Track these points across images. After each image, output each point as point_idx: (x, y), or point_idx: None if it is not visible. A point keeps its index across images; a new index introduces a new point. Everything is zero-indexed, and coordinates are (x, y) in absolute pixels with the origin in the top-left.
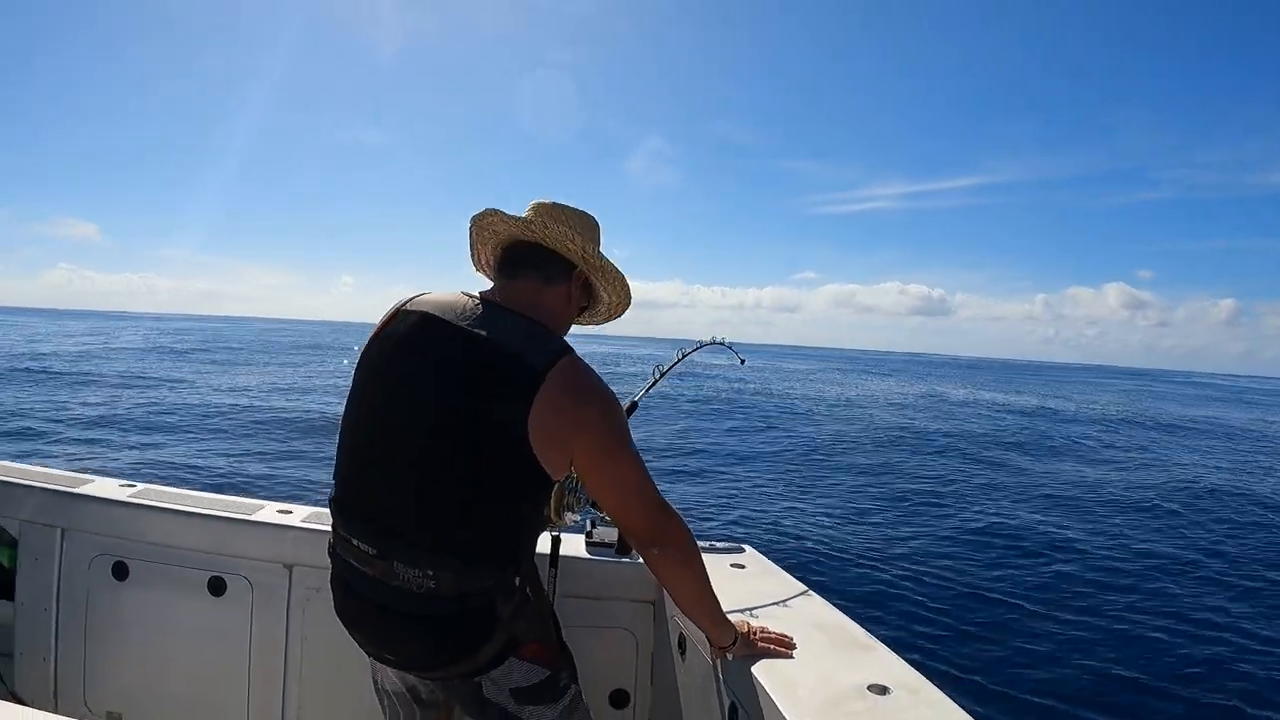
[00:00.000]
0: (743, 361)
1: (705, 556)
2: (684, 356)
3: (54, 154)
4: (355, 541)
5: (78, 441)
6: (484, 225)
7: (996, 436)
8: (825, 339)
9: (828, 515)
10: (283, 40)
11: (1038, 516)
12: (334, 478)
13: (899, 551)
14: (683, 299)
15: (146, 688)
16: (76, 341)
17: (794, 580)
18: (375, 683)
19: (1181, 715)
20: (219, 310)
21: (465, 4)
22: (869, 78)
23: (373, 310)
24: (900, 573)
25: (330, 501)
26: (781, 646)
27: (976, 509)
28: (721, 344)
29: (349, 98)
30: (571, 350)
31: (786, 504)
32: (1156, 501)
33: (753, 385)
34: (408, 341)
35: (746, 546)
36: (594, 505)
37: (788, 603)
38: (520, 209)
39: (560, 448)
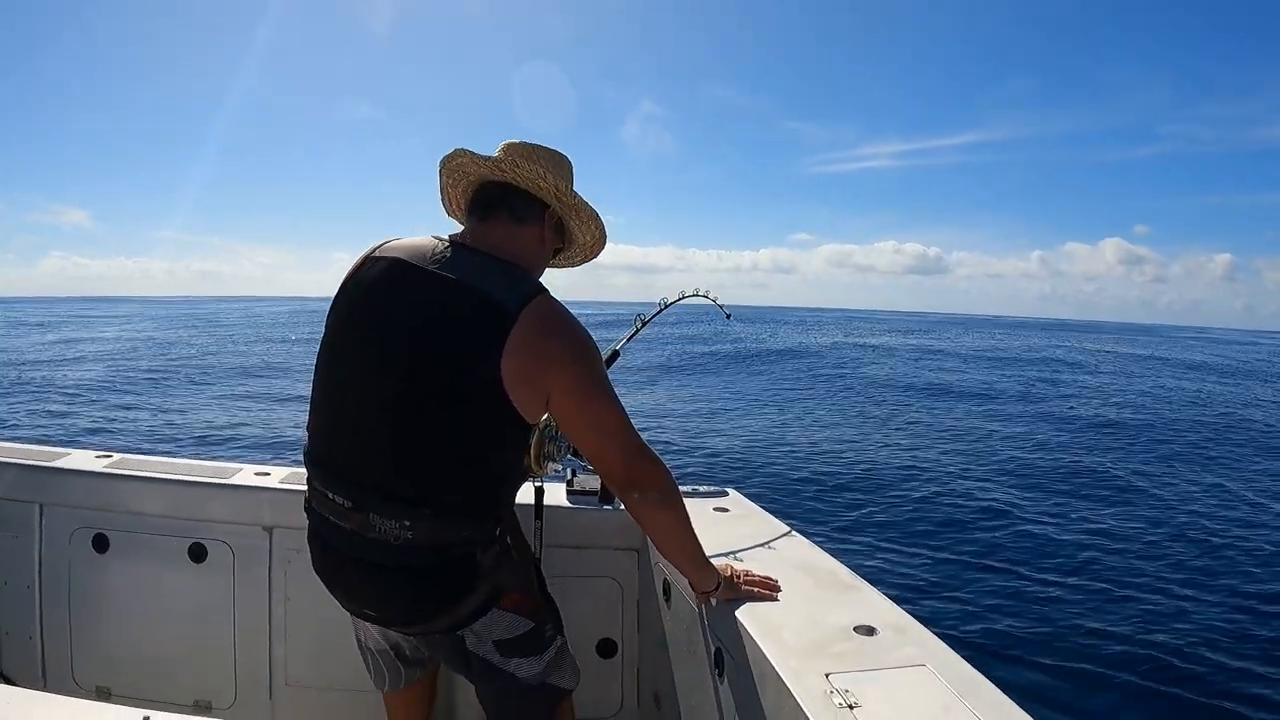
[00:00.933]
0: (729, 316)
1: (688, 501)
2: (666, 306)
3: (41, 140)
4: (330, 494)
5: (51, 415)
6: (453, 167)
7: (995, 385)
8: (823, 299)
9: (815, 456)
10: (270, 15)
11: (1035, 456)
12: (307, 430)
13: (889, 494)
14: (678, 263)
15: (133, 660)
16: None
17: (778, 522)
18: (359, 641)
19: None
20: (220, 291)
21: None
22: (864, 36)
23: None
24: (890, 515)
25: (304, 455)
26: (766, 589)
27: (968, 451)
28: (704, 296)
29: (336, 72)
30: (545, 290)
31: (773, 446)
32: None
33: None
34: (376, 288)
35: (730, 490)
36: (575, 454)
37: (772, 544)
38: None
39: (535, 389)
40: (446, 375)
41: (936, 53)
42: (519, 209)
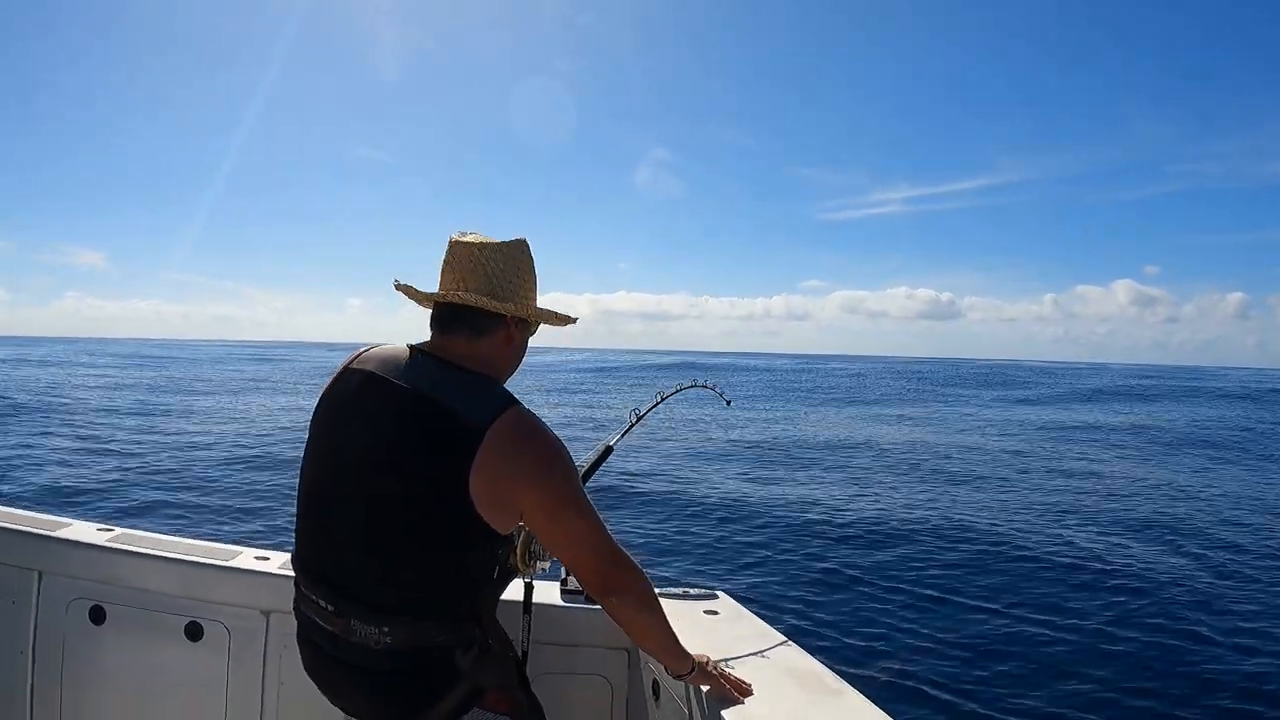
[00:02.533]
0: (729, 403)
1: (678, 603)
2: (662, 400)
3: (57, 182)
4: (315, 598)
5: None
6: (405, 293)
7: (1001, 457)
8: (836, 346)
9: (811, 561)
10: (278, 55)
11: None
12: (295, 535)
13: (886, 599)
14: (691, 310)
15: None
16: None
17: (768, 627)
18: None
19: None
20: (238, 335)
21: (463, 20)
22: (870, 81)
23: (382, 332)
24: (887, 622)
25: (292, 559)
26: (739, 689)
27: (973, 547)
28: (705, 386)
29: (348, 117)
30: (515, 403)
31: (767, 550)
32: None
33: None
34: (351, 403)
35: (720, 592)
36: None
37: (757, 647)
38: (517, 226)
39: (506, 506)
40: (416, 491)
41: (944, 96)
42: (477, 323)
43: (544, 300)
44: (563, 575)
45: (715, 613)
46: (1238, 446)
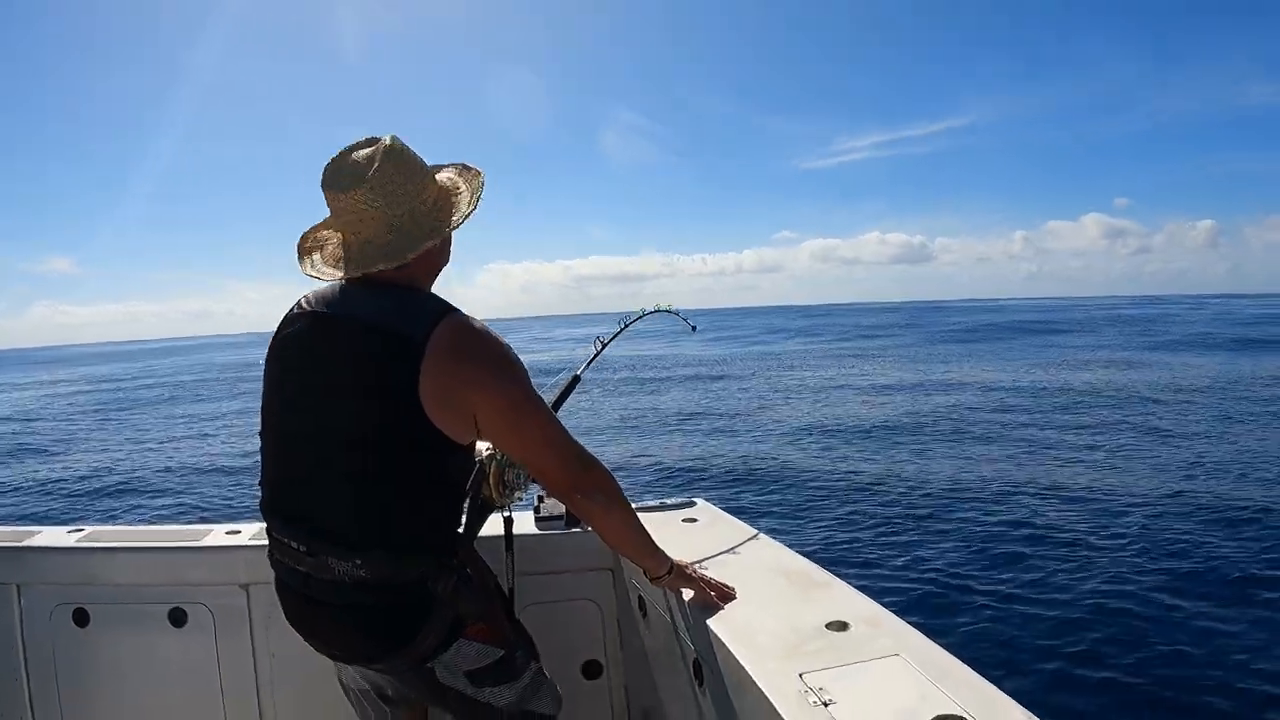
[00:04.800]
0: (694, 329)
1: (656, 515)
2: (626, 326)
3: (20, 188)
4: (286, 540)
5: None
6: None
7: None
8: (811, 296)
9: (785, 463)
10: (249, 52)
11: (1007, 453)
12: (259, 485)
13: (860, 493)
14: (664, 270)
15: None
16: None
17: (747, 527)
18: (341, 683)
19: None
20: (214, 330)
21: None
22: (836, 29)
23: None
24: (862, 513)
25: (260, 506)
26: (721, 591)
27: (941, 445)
28: (668, 311)
29: (315, 101)
30: (451, 310)
31: (741, 455)
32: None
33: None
34: (299, 344)
35: (699, 499)
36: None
37: (740, 549)
38: (485, 198)
39: (458, 412)
40: (370, 418)
41: (909, 41)
42: None
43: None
44: (535, 504)
45: (694, 520)
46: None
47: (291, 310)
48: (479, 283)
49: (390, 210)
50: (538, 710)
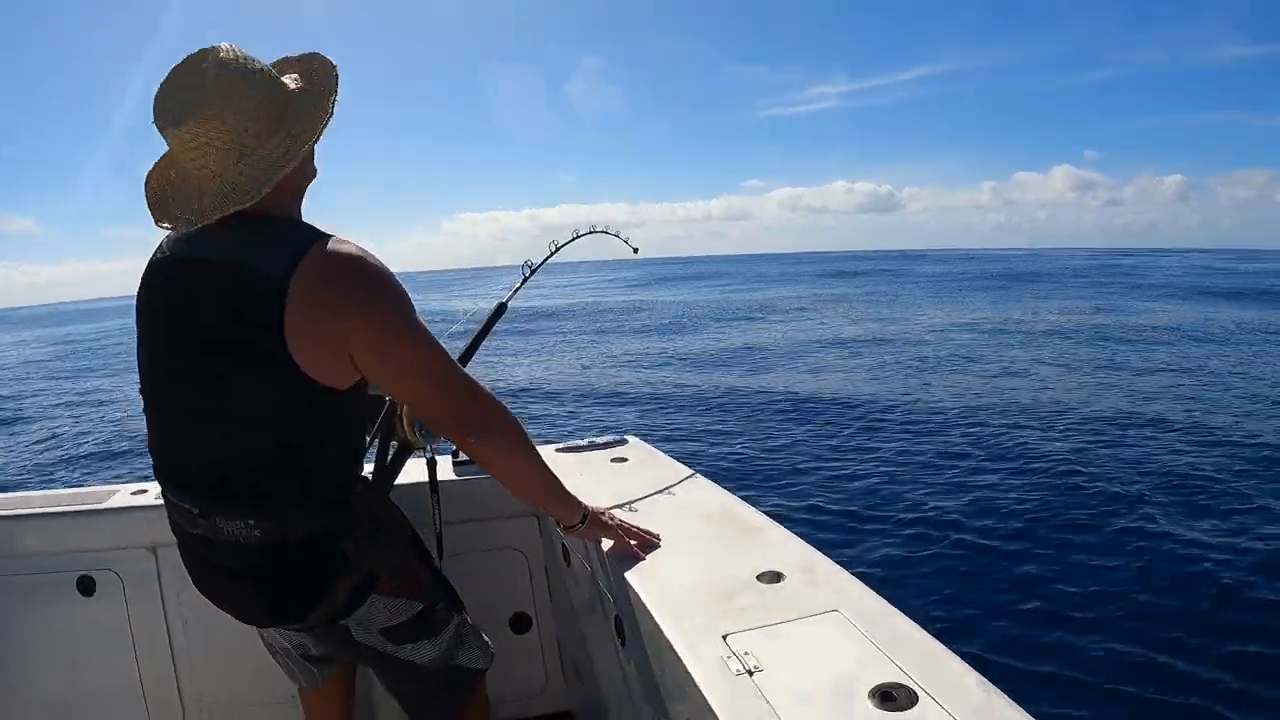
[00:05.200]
0: (635, 251)
1: (582, 456)
2: (557, 249)
3: None
4: (180, 503)
5: None
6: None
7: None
8: (779, 245)
9: (719, 400)
10: (217, 7)
11: (944, 384)
12: (148, 448)
13: (797, 431)
14: (633, 218)
15: (43, 708)
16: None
17: (680, 466)
18: (265, 643)
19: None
20: None
21: None
22: None
23: None
24: (800, 453)
25: (153, 470)
26: (642, 539)
27: (878, 382)
28: (603, 231)
29: (282, 50)
30: (322, 237)
31: (677, 393)
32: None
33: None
34: (161, 292)
35: (631, 437)
36: None
37: (671, 489)
38: (452, 146)
39: (332, 349)
40: (238, 366)
41: None
42: None
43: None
44: (453, 447)
45: (624, 460)
46: None
47: (152, 257)
48: (446, 231)
49: (237, 138)
50: (465, 664)
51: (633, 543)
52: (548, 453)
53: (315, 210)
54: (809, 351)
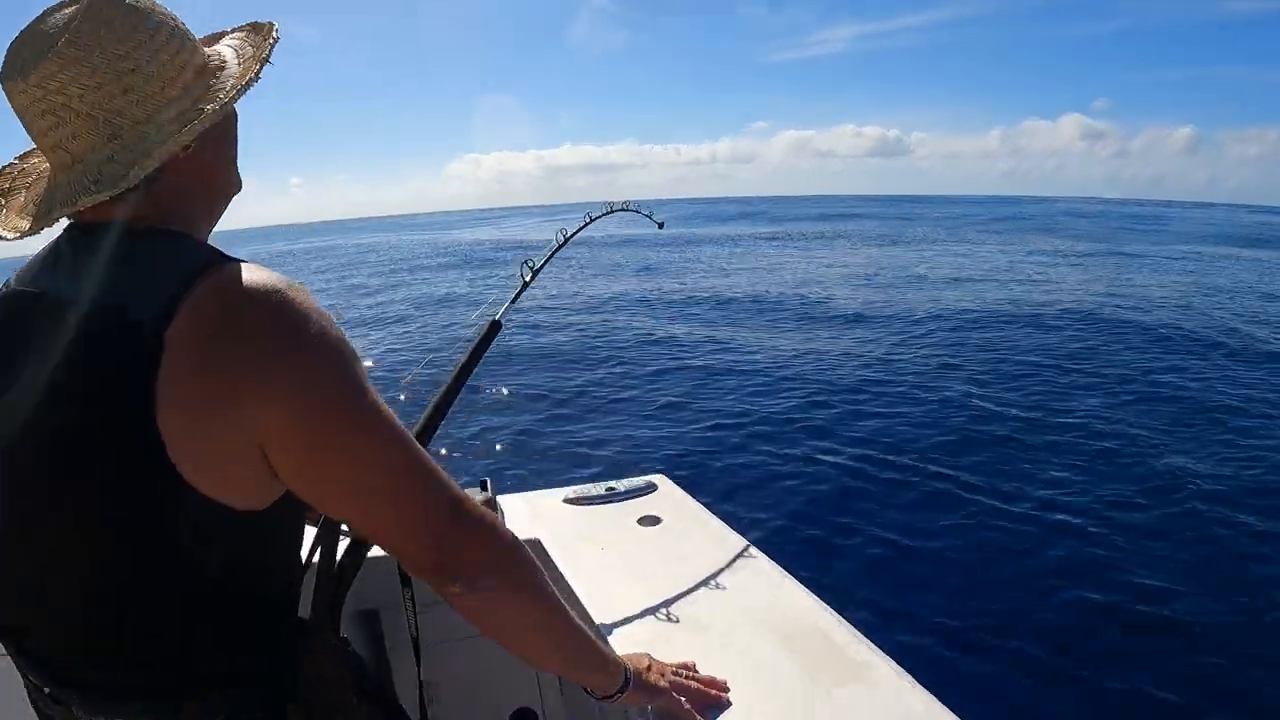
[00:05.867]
0: (661, 225)
1: (601, 508)
2: (570, 237)
3: None
4: (26, 674)
5: None
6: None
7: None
8: (784, 188)
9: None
10: None
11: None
12: None
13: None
14: (637, 160)
15: None
16: None
17: (726, 530)
18: None
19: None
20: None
21: None
22: None
23: (327, 209)
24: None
25: None
26: (708, 694)
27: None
28: (630, 209)
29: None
30: (219, 264)
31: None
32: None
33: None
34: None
35: (660, 479)
36: None
37: (721, 580)
38: (453, 90)
39: (231, 447)
40: (91, 478)
41: None
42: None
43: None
44: None
45: (656, 520)
46: None
47: None
48: (449, 174)
49: (105, 101)
50: None
51: (692, 706)
52: (553, 501)
53: (314, 158)
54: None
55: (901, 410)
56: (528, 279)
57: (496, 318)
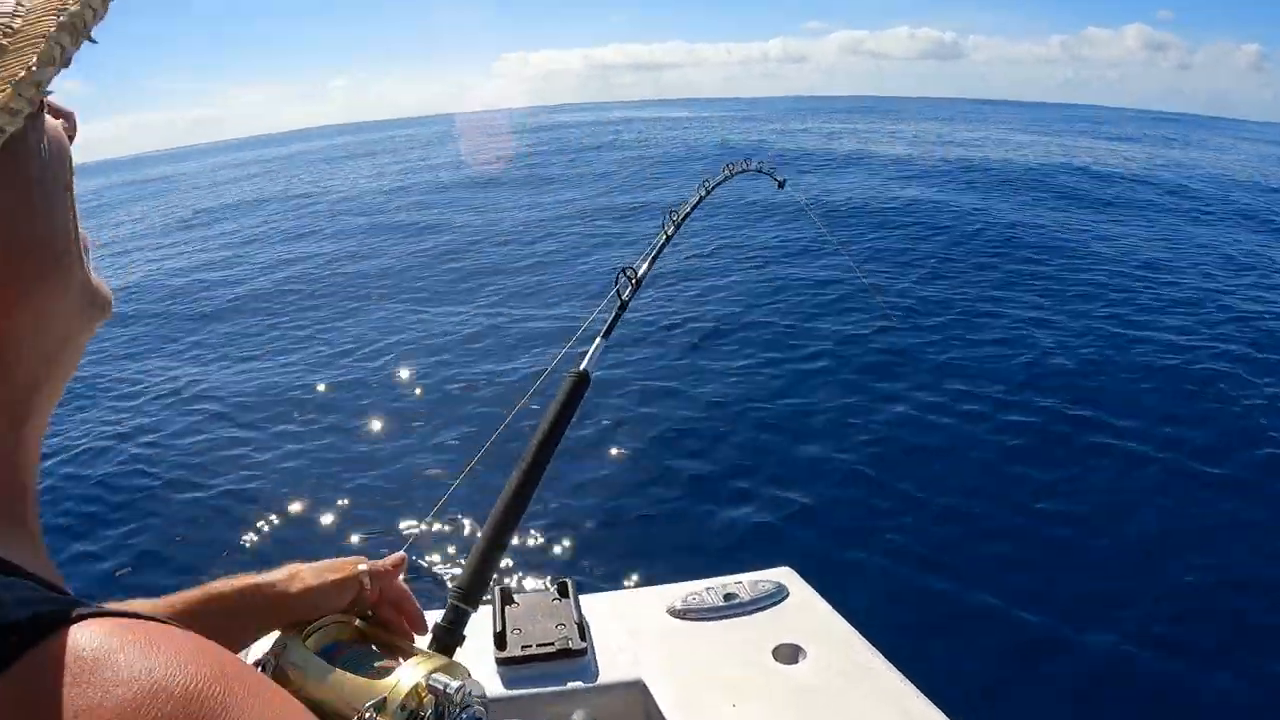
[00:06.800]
0: (781, 184)
1: (729, 625)
2: (676, 227)
3: None
4: None
5: None
6: None
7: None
8: (837, 89)
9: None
10: None
11: None
12: None
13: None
14: (688, 59)
15: None
16: None
17: (895, 678)
18: None
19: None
20: (221, 136)
21: None
22: None
23: (372, 109)
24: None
25: None
26: None
27: None
28: (751, 170)
29: None
30: (56, 620)
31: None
32: None
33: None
34: None
35: (788, 576)
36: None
37: None
38: None
39: None
40: None
41: None
42: None
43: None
44: (496, 629)
45: (796, 654)
46: None
47: None
48: (495, 72)
49: None
50: None
51: None
52: (653, 610)
53: (358, 60)
54: None
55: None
56: (625, 297)
57: (584, 369)
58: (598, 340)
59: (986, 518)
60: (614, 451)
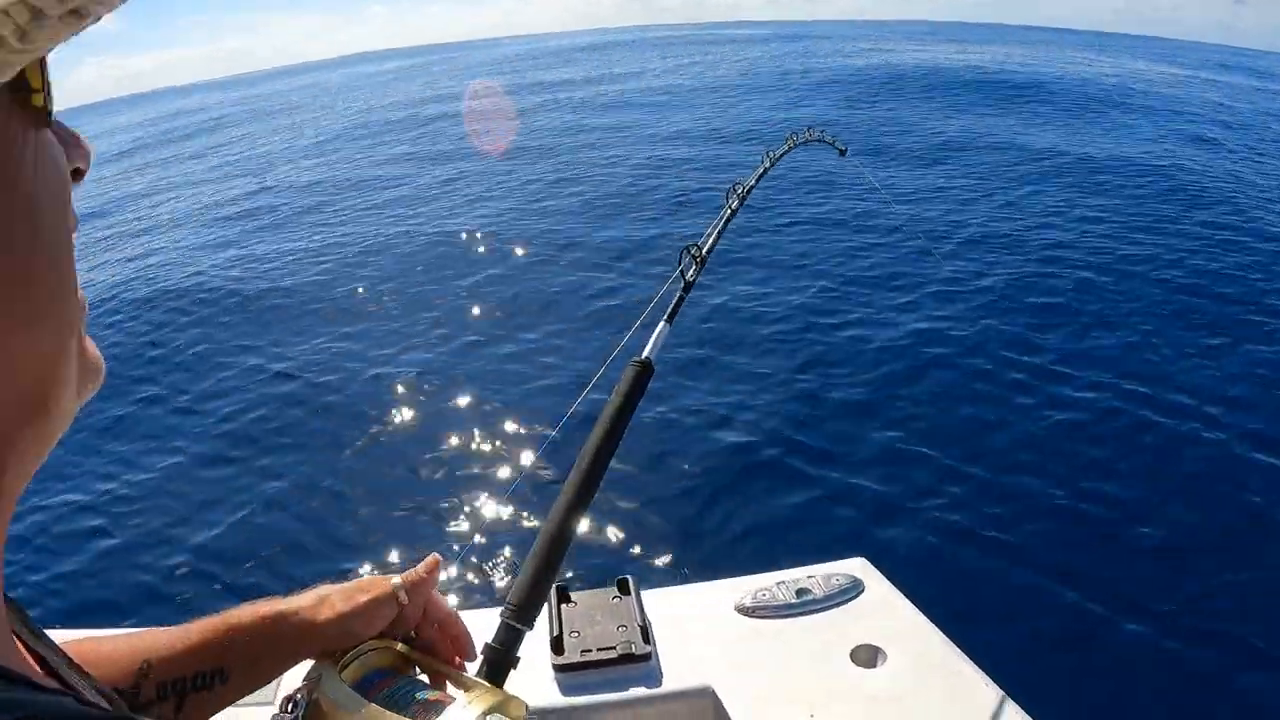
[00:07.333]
0: (843, 152)
1: (802, 623)
2: (773, 164)
3: None
4: None
5: None
6: None
7: None
8: (883, 12)
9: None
10: None
11: None
12: None
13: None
14: None
15: None
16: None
17: (979, 679)
18: None
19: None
20: (256, 67)
21: None
22: None
23: (412, 35)
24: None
25: None
26: None
27: None
28: (809, 141)
29: None
30: None
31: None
32: None
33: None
34: None
35: (863, 567)
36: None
37: None
38: None
39: None
40: None
41: None
42: None
43: None
44: (553, 632)
45: (876, 656)
46: None
47: None
48: None
49: None
50: None
51: None
52: (720, 607)
53: None
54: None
55: None
56: (691, 277)
57: (645, 356)
58: (661, 325)
59: (1065, 510)
60: (672, 434)
